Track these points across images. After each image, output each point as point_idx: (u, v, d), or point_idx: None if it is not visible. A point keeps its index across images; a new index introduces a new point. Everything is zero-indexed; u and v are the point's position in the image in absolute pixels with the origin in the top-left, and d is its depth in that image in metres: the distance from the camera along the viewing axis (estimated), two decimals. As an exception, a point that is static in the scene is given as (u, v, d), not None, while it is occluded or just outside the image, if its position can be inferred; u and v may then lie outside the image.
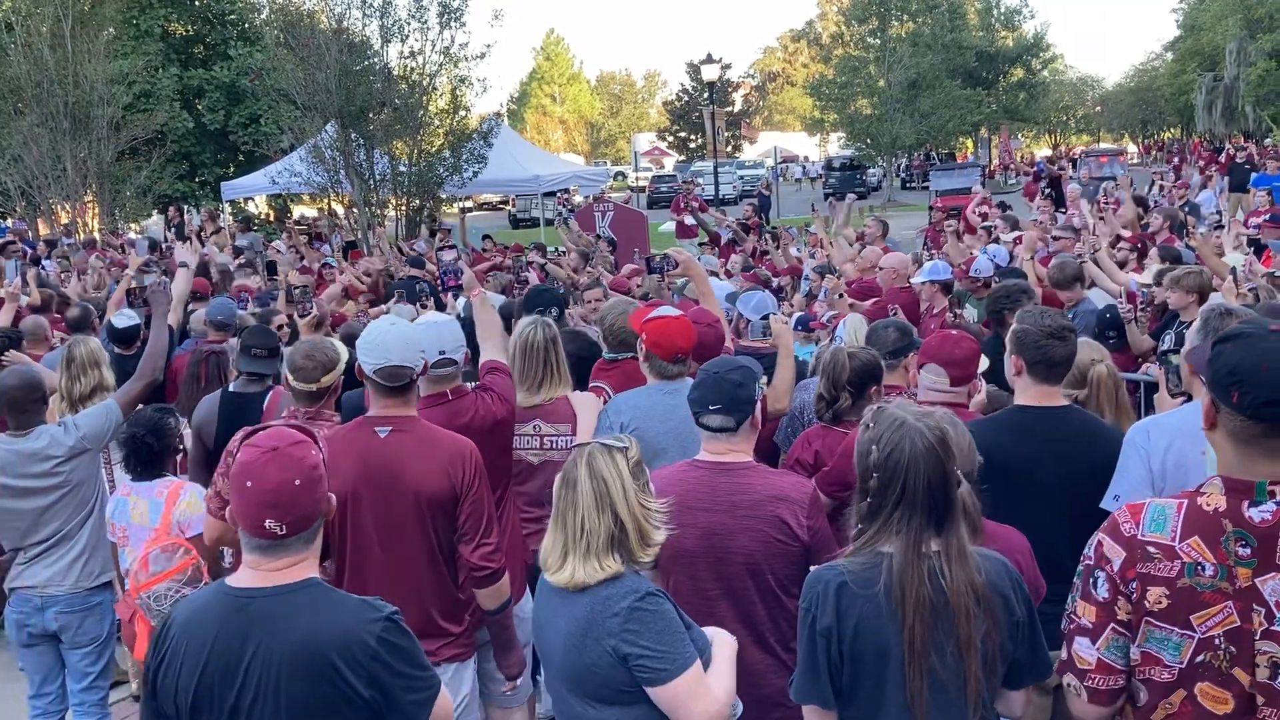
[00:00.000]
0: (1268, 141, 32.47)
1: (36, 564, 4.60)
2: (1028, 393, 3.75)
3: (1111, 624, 2.35)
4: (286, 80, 18.21)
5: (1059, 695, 3.55)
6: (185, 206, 27.13)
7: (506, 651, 3.80)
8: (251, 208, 28.68)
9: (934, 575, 2.43)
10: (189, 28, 29.67)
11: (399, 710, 2.40)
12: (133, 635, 4.12)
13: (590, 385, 4.83)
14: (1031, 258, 8.23)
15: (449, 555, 3.60)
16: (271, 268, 13.26)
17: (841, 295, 7.52)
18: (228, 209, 24.62)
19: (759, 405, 3.43)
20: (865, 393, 4.10)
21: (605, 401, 4.50)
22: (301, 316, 6.82)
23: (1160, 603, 2.28)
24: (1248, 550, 2.21)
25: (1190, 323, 5.98)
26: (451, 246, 12.41)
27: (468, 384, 4.17)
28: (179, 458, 4.97)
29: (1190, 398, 3.72)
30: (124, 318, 7.03)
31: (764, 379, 3.87)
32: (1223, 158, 27.74)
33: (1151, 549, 2.29)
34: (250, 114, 25.12)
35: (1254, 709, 2.22)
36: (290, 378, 4.19)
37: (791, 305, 9.07)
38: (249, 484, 2.37)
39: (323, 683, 2.31)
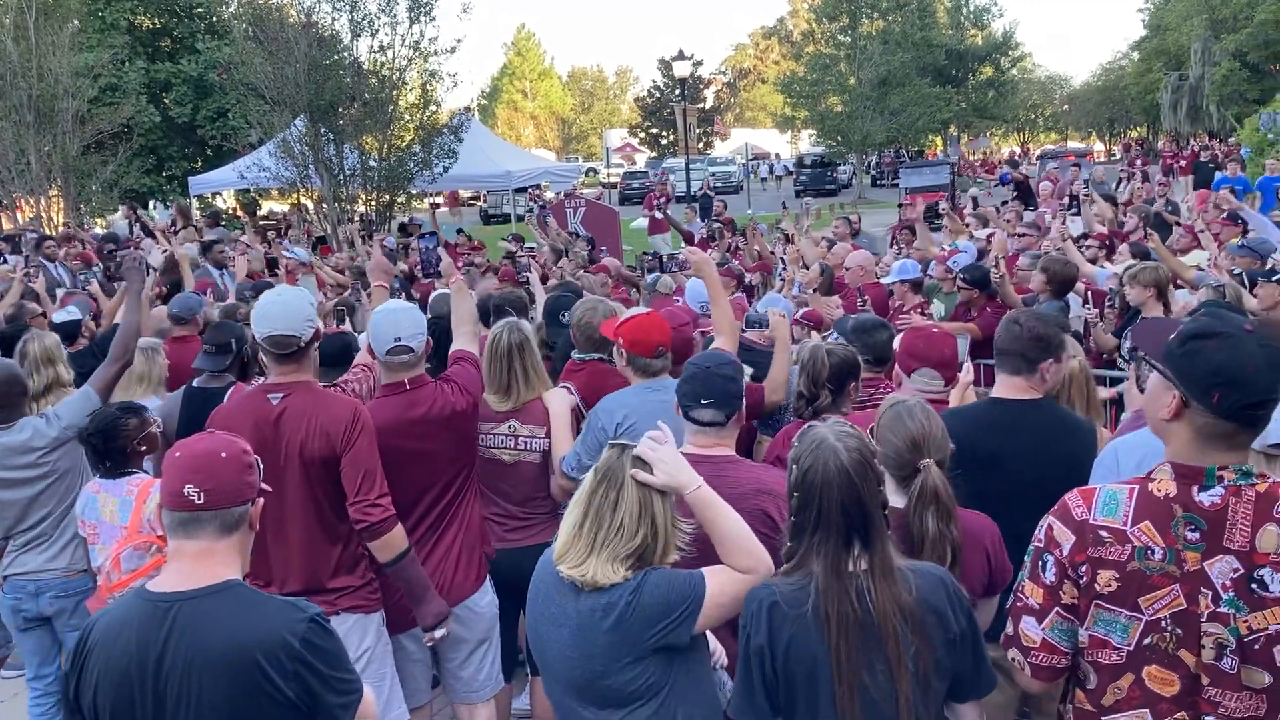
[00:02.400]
0: (1232, 140, 32.85)
1: (29, 551, 4.63)
2: (1002, 385, 3.80)
3: (1056, 608, 2.40)
4: (255, 74, 18.06)
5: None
6: (151, 202, 26.88)
7: (418, 602, 3.81)
8: (220, 203, 28.42)
9: (861, 595, 2.43)
10: (156, 21, 29.38)
11: (325, 712, 2.39)
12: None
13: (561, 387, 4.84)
14: (1002, 257, 8.31)
15: (340, 512, 3.66)
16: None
17: (814, 290, 7.58)
18: (196, 204, 24.40)
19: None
20: (845, 389, 4.13)
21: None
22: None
23: (1110, 585, 2.32)
24: (1196, 534, 2.26)
25: (1150, 318, 6.09)
26: (432, 233, 12.36)
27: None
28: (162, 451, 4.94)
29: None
30: (64, 313, 6.99)
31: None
32: (1187, 156, 28.14)
33: (1103, 533, 2.34)
34: (218, 108, 24.93)
35: (1199, 689, 2.27)
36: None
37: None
38: (178, 455, 2.42)
39: (247, 685, 2.29)
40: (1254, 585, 2.22)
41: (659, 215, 19.12)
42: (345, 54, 19.27)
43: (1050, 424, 3.67)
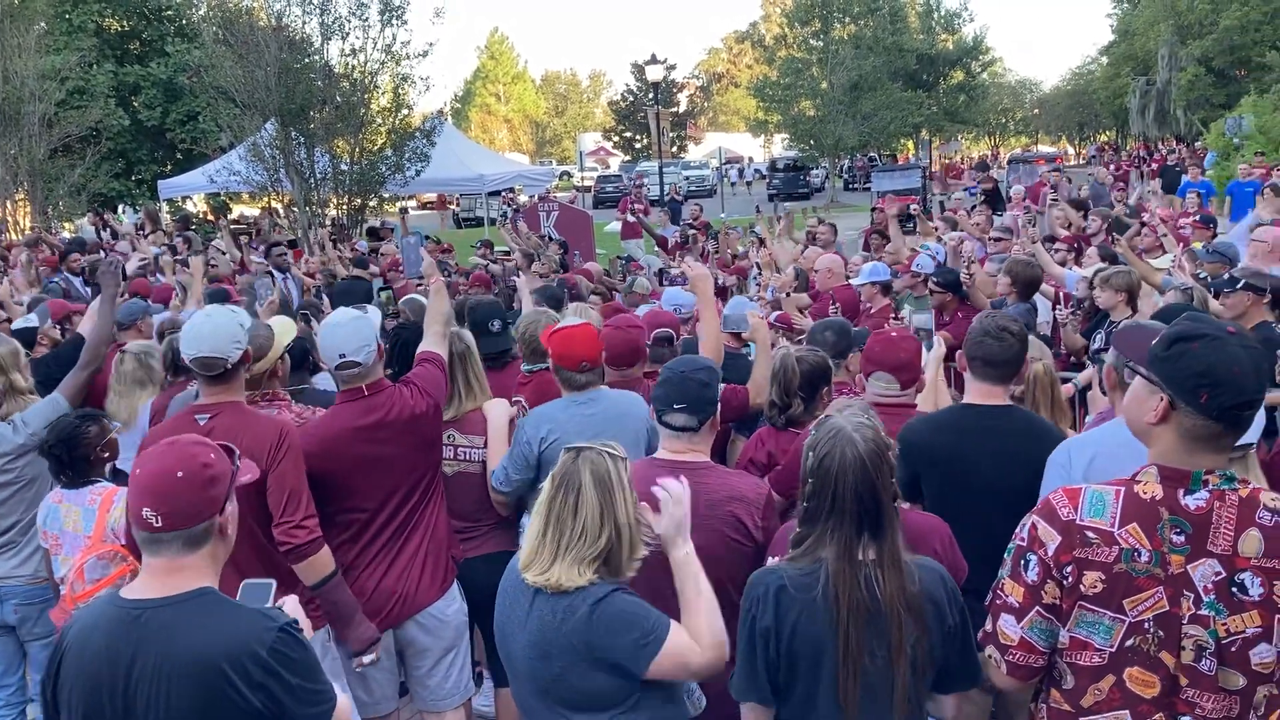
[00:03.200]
0: (1198, 144, 33.23)
1: None
2: (972, 391, 3.82)
3: (1037, 607, 2.41)
4: (225, 77, 17.93)
5: (1000, 695, 3.64)
6: (120, 206, 26.64)
7: (345, 626, 3.77)
8: (190, 207, 28.19)
9: (869, 582, 2.50)
10: (124, 23, 29.12)
11: None
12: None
13: (511, 400, 4.81)
14: (971, 262, 8.34)
15: (268, 532, 3.62)
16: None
17: (788, 294, 7.59)
18: (165, 208, 24.20)
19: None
20: (817, 395, 4.13)
21: (521, 414, 4.46)
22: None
23: (1095, 587, 2.33)
24: (1182, 537, 2.28)
25: (1119, 322, 6.13)
26: (417, 232, 12.32)
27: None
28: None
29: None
30: (21, 321, 6.93)
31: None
32: (1155, 160, 28.43)
33: (1090, 534, 2.34)
34: (188, 111, 24.72)
35: (1178, 690, 2.29)
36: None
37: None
38: (138, 470, 2.38)
39: (213, 694, 2.27)
40: (1234, 589, 2.25)
41: (631, 219, 19.12)
42: (316, 57, 19.17)
43: (1019, 430, 3.69)
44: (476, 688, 4.58)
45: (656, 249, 14.68)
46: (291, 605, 2.58)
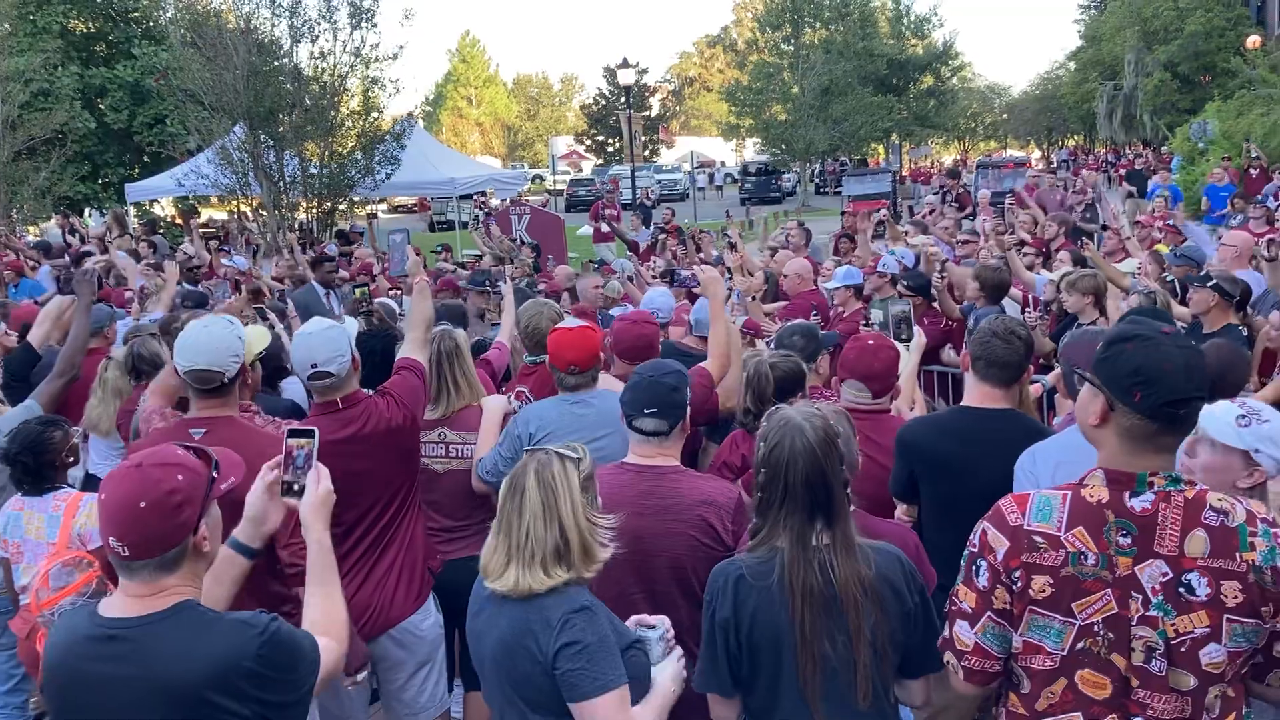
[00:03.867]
0: (1165, 149, 33.61)
1: None
2: (973, 392, 3.84)
3: (989, 612, 2.44)
4: (193, 80, 17.79)
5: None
6: (86, 209, 26.36)
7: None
8: (158, 210, 27.92)
9: (824, 568, 2.55)
10: (90, 25, 28.80)
11: (289, 714, 2.37)
12: (31, 652, 3.99)
13: (515, 390, 4.81)
14: (943, 264, 8.38)
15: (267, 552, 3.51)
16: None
17: (754, 299, 7.59)
18: (132, 211, 23.95)
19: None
20: (791, 401, 4.14)
21: (525, 402, 4.47)
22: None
23: (1044, 591, 2.35)
24: (1128, 539, 2.30)
25: (1087, 325, 6.19)
26: (404, 230, 12.22)
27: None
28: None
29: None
30: None
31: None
32: (1121, 165, 28.73)
33: (1038, 539, 2.37)
34: (155, 114, 24.46)
35: (1129, 691, 2.31)
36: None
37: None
38: (103, 495, 2.33)
39: (199, 715, 2.23)
40: (1182, 589, 2.26)
41: (604, 228, 19.12)
42: (285, 60, 19.05)
43: (1020, 435, 3.68)
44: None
45: (629, 253, 14.67)
46: None
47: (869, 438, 3.87)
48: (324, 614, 2.68)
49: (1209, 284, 6.00)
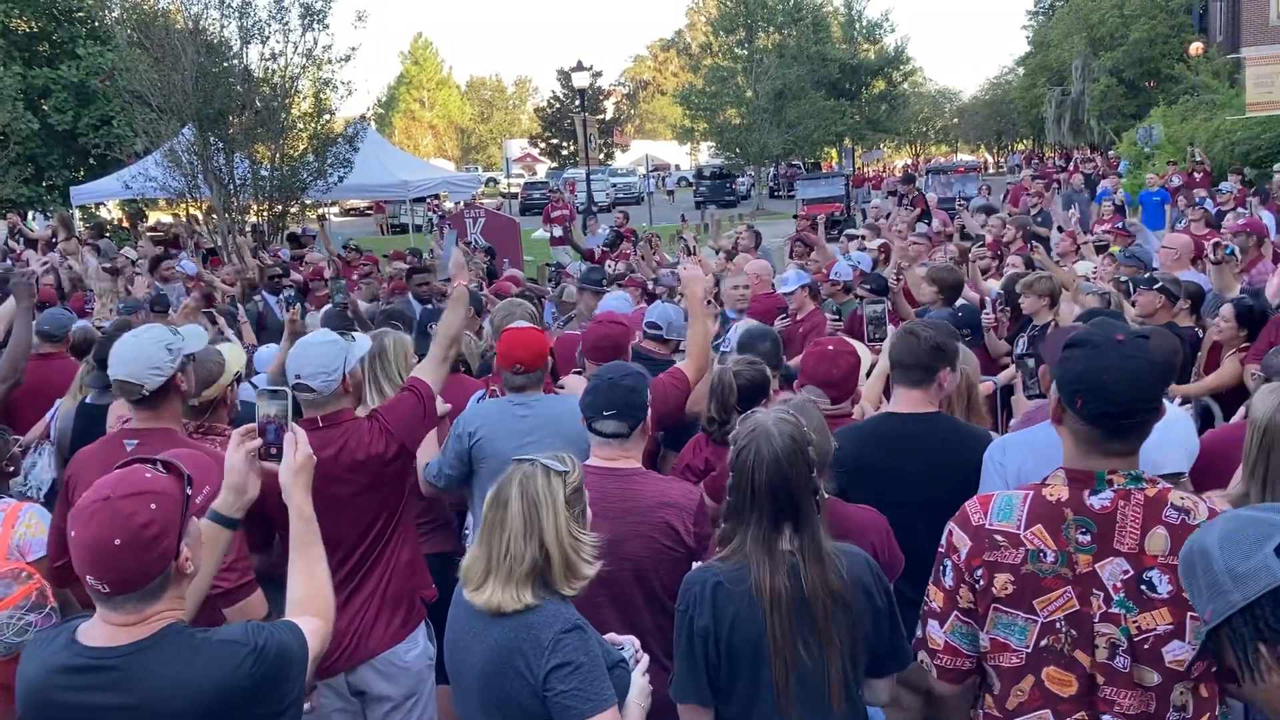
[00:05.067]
0: (1111, 153, 34.16)
1: None
2: (895, 398, 3.84)
3: (955, 611, 2.47)
4: (140, 81, 17.47)
5: (931, 697, 3.67)
6: (30, 212, 25.84)
7: None
8: (105, 213, 27.43)
9: (793, 573, 2.54)
10: (33, 24, 28.21)
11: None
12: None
13: (489, 388, 4.77)
14: (907, 267, 8.41)
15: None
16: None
17: (709, 302, 7.58)
18: (78, 214, 23.51)
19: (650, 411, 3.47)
20: (765, 403, 4.12)
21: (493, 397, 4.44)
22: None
23: (1006, 589, 2.38)
24: (1088, 537, 2.32)
25: (1042, 326, 6.26)
26: (454, 231, 12.00)
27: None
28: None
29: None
30: None
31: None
32: (1071, 169, 29.15)
33: (999, 537, 2.40)
34: (101, 115, 24.02)
35: (1096, 688, 2.33)
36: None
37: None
38: (73, 533, 2.22)
39: None
40: (1143, 586, 2.28)
41: (558, 232, 19.13)
42: (235, 61, 18.79)
43: (944, 437, 3.71)
44: None
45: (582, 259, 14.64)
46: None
47: None
48: (306, 590, 2.64)
49: (1154, 286, 6.08)
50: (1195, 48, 34.95)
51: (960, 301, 7.32)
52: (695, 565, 2.84)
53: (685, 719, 2.71)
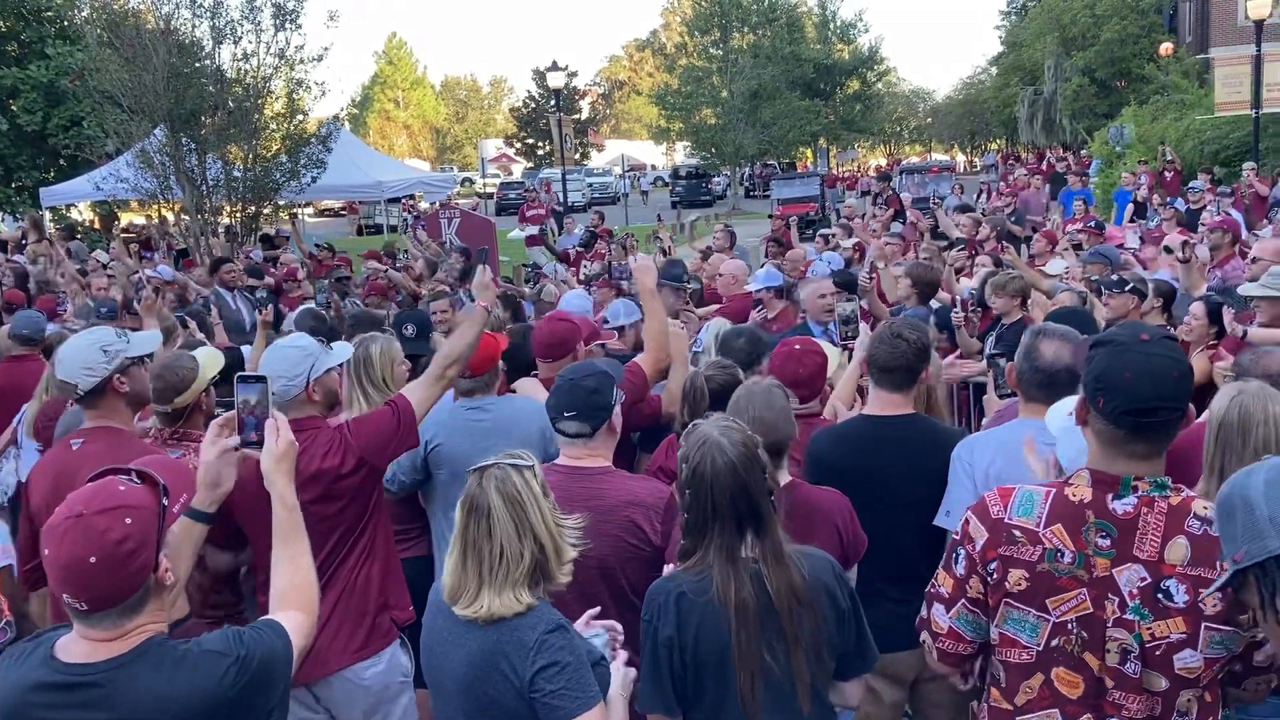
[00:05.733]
0: (1083, 152, 34.40)
1: None
2: (872, 399, 3.85)
3: (963, 600, 2.48)
4: (110, 81, 17.30)
5: (915, 690, 3.69)
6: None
7: None
8: (76, 215, 27.17)
9: (756, 579, 2.54)
10: (1, 24, 27.92)
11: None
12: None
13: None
14: (884, 266, 8.44)
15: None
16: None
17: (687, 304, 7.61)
18: (49, 216, 23.26)
19: (618, 409, 3.48)
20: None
21: None
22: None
23: (1020, 584, 2.37)
24: (1107, 541, 2.31)
25: (1011, 325, 6.31)
26: (484, 247, 11.90)
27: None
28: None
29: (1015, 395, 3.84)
30: None
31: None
32: (1044, 168, 29.36)
33: (1017, 532, 2.39)
34: (72, 116, 23.76)
35: (1104, 692, 2.33)
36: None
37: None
38: (46, 551, 2.16)
39: None
40: (1160, 595, 2.27)
41: (535, 232, 19.10)
42: (207, 62, 18.64)
43: (922, 441, 3.72)
44: None
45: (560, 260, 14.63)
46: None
47: (800, 441, 3.89)
48: (291, 581, 2.63)
49: (1125, 288, 6.13)
50: (1165, 48, 35.26)
51: (934, 304, 7.35)
52: (666, 569, 2.83)
53: None
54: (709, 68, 47.60)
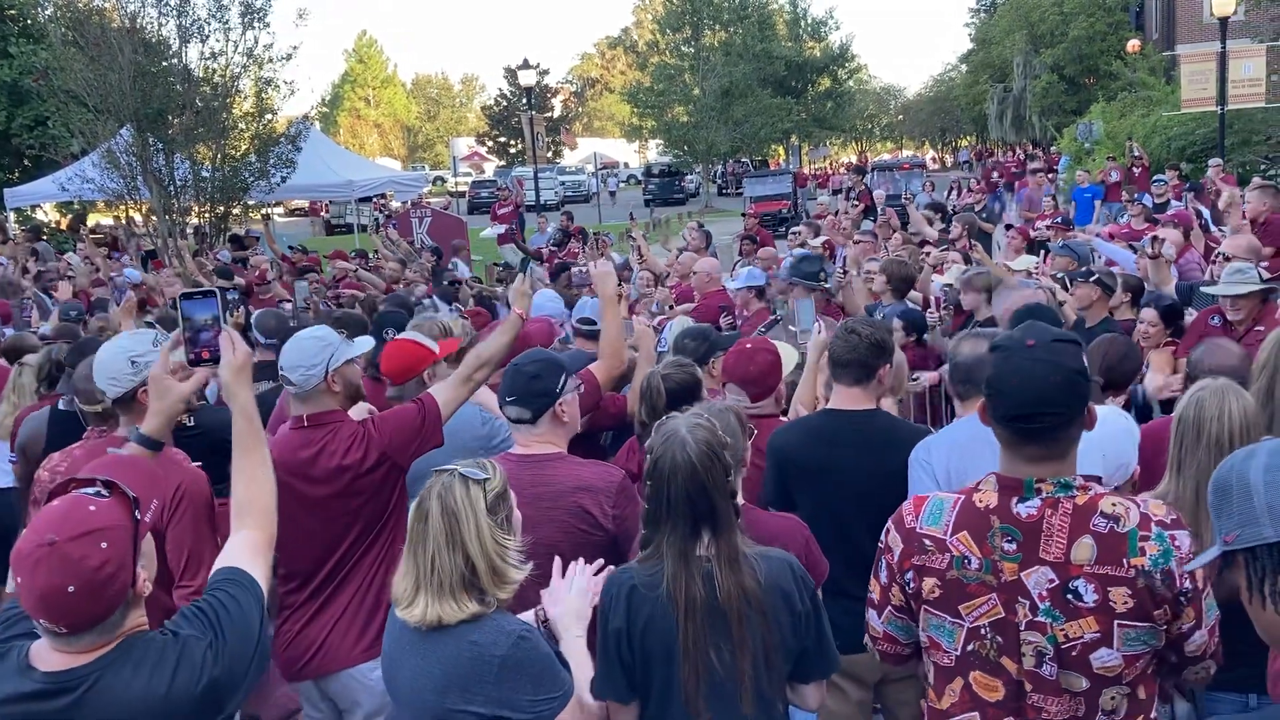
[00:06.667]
0: (1053, 149, 34.66)
1: None
2: (835, 394, 3.87)
3: (890, 606, 2.53)
4: (75, 80, 17.10)
5: (880, 690, 3.71)
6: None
7: (258, 693, 3.60)
8: (41, 216, 26.84)
9: (708, 579, 2.55)
10: (-38, 23, 27.53)
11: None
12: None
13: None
14: (857, 272, 8.44)
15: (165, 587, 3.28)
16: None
17: (671, 306, 7.64)
18: (13, 217, 22.99)
19: (573, 399, 3.49)
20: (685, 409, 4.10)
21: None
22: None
23: (934, 592, 2.41)
24: (1013, 545, 2.32)
25: (981, 321, 6.34)
26: (515, 251, 11.71)
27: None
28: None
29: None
30: None
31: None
32: (1015, 164, 29.57)
33: (927, 541, 2.42)
34: (36, 116, 23.46)
35: (1024, 695, 2.34)
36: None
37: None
38: (19, 579, 2.09)
39: None
40: (1069, 595, 2.28)
41: (510, 228, 19.06)
42: (174, 60, 18.46)
43: (881, 435, 3.73)
44: None
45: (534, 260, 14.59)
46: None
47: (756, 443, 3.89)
48: (247, 493, 2.64)
49: (1090, 279, 6.18)
50: (1132, 45, 35.57)
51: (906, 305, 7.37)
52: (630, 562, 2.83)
53: (613, 716, 2.74)
54: (681, 65, 47.60)
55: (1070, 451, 2.36)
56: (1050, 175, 20.98)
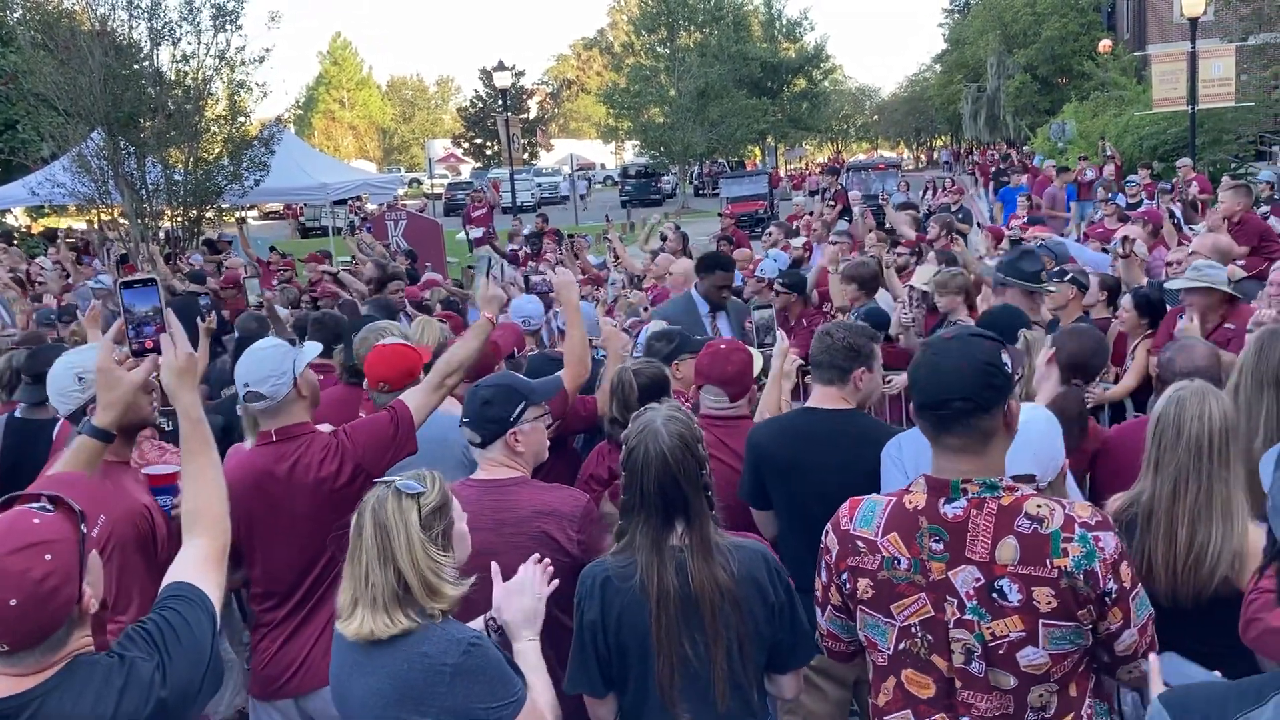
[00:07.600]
0: (1026, 149, 34.93)
1: None
2: (817, 395, 3.89)
3: (829, 605, 2.57)
4: (45, 84, 16.93)
5: (859, 690, 3.71)
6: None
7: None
8: (11, 220, 26.56)
9: (681, 570, 2.57)
10: (-70, 26, 27.25)
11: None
12: None
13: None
14: (835, 270, 8.44)
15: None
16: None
17: (647, 308, 7.62)
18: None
19: (533, 429, 3.38)
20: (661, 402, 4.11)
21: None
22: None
23: (867, 593, 2.44)
24: (940, 545, 2.35)
25: (958, 322, 6.35)
26: (486, 256, 11.51)
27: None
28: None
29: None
30: None
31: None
32: (990, 164, 29.76)
33: (859, 543, 2.45)
34: (5, 120, 23.25)
35: (954, 691, 2.37)
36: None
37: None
38: None
39: None
40: (994, 594, 2.31)
41: (478, 234, 19.02)
42: (146, 63, 18.31)
43: (856, 434, 3.75)
44: None
45: (507, 262, 14.56)
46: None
47: (725, 444, 3.92)
48: (196, 501, 2.55)
49: (1064, 278, 6.20)
50: (1104, 45, 35.90)
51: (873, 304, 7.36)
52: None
53: (590, 710, 2.75)
54: (656, 66, 47.74)
55: (991, 447, 2.35)
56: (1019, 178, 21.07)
